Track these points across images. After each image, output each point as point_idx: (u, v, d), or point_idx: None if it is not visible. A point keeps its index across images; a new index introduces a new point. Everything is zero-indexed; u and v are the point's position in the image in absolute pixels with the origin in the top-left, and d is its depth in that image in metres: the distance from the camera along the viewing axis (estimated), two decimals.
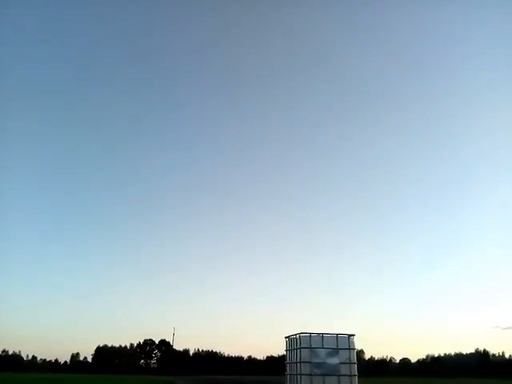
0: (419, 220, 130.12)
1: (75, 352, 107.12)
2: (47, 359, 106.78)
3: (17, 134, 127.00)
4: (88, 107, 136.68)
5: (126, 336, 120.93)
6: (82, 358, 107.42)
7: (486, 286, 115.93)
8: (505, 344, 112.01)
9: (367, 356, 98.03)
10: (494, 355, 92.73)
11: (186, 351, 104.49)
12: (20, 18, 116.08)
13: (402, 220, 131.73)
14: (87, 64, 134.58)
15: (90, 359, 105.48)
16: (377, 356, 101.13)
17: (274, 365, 74.31)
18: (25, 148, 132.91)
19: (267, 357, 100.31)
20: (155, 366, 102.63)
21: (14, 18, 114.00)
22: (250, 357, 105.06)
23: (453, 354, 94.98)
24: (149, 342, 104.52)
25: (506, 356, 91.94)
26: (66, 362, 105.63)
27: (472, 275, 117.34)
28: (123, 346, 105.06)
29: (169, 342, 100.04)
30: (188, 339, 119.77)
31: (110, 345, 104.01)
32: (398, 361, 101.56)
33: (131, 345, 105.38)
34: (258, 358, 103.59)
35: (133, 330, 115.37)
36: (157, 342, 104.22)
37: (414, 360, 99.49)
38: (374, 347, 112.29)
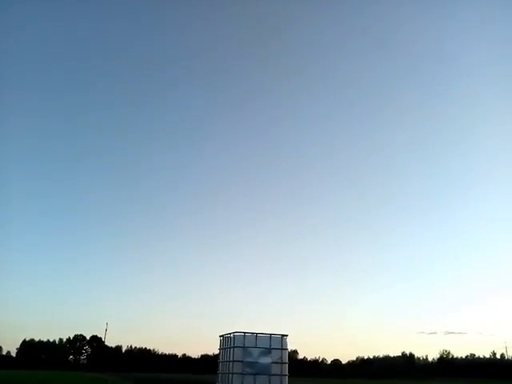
0: (355, 227, 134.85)
1: None
2: None
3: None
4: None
5: (55, 330, 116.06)
6: (5, 353, 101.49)
7: (413, 293, 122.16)
8: (429, 348, 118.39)
9: (300, 356, 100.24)
10: (418, 358, 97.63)
11: (119, 348, 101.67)
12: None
13: (336, 225, 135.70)
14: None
15: (14, 354, 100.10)
16: (309, 357, 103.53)
17: (208, 363, 73.90)
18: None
19: (202, 355, 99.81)
20: (85, 362, 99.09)
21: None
22: (184, 355, 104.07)
23: (381, 356, 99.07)
24: (79, 338, 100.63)
25: (430, 359, 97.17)
26: None
27: (401, 283, 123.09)
28: (52, 340, 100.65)
29: (100, 338, 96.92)
30: (121, 335, 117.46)
31: (37, 339, 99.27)
32: (329, 362, 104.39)
33: (60, 340, 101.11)
34: (193, 357, 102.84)
35: (63, 324, 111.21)
36: (88, 338, 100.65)
37: (344, 361, 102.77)
38: (307, 348, 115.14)
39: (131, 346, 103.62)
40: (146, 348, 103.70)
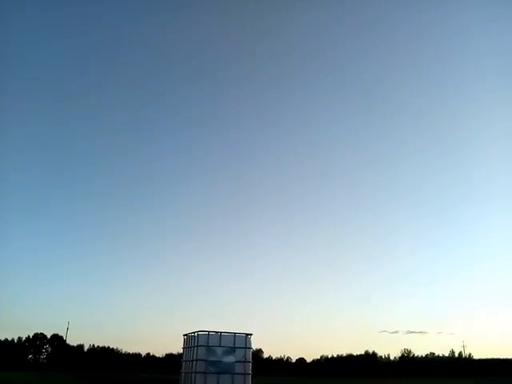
0: (321, 227, 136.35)
1: None
2: None
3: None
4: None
5: (13, 329, 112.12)
6: None
7: (377, 293, 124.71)
8: (391, 347, 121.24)
9: (265, 355, 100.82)
10: (380, 357, 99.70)
11: (81, 347, 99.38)
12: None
13: (301, 226, 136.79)
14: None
15: None
16: (274, 355, 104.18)
17: (173, 362, 73.22)
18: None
19: (167, 354, 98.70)
20: (45, 361, 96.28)
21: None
22: (148, 354, 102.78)
23: (345, 354, 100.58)
24: (39, 336, 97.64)
25: (392, 358, 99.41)
26: None
27: (364, 283, 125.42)
28: (10, 339, 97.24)
29: (62, 337, 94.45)
30: (83, 334, 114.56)
31: None
32: (294, 360, 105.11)
33: (19, 338, 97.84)
34: (157, 356, 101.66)
35: (22, 322, 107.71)
36: (49, 337, 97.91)
37: (309, 360, 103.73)
38: (273, 347, 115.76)
39: (94, 345, 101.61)
40: (109, 347, 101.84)
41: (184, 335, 16.19)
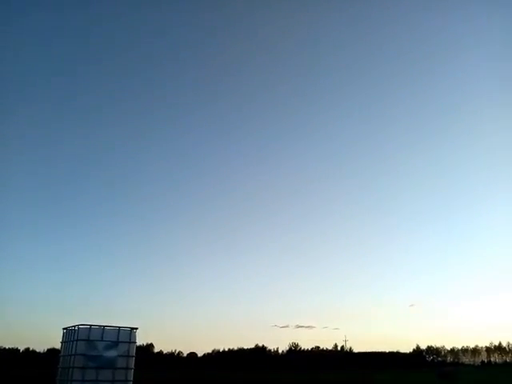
0: (214, 222, 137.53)
1: None
2: None
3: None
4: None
5: None
6: None
7: (269, 288, 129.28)
8: (280, 340, 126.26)
9: (157, 349, 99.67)
10: (269, 350, 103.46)
11: None
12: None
13: (194, 220, 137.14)
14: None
15: None
16: (166, 350, 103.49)
17: (56, 358, 68.77)
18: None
19: (48, 349, 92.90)
20: None
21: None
22: (28, 349, 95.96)
23: (236, 348, 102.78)
24: None
25: (280, 351, 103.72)
26: None
27: (257, 280, 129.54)
28: None
29: None
30: None
31: None
32: (185, 355, 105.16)
33: None
34: (38, 351, 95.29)
35: None
36: None
37: (200, 354, 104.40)
38: (165, 341, 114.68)
39: None
40: None
41: (64, 329, 15.24)
